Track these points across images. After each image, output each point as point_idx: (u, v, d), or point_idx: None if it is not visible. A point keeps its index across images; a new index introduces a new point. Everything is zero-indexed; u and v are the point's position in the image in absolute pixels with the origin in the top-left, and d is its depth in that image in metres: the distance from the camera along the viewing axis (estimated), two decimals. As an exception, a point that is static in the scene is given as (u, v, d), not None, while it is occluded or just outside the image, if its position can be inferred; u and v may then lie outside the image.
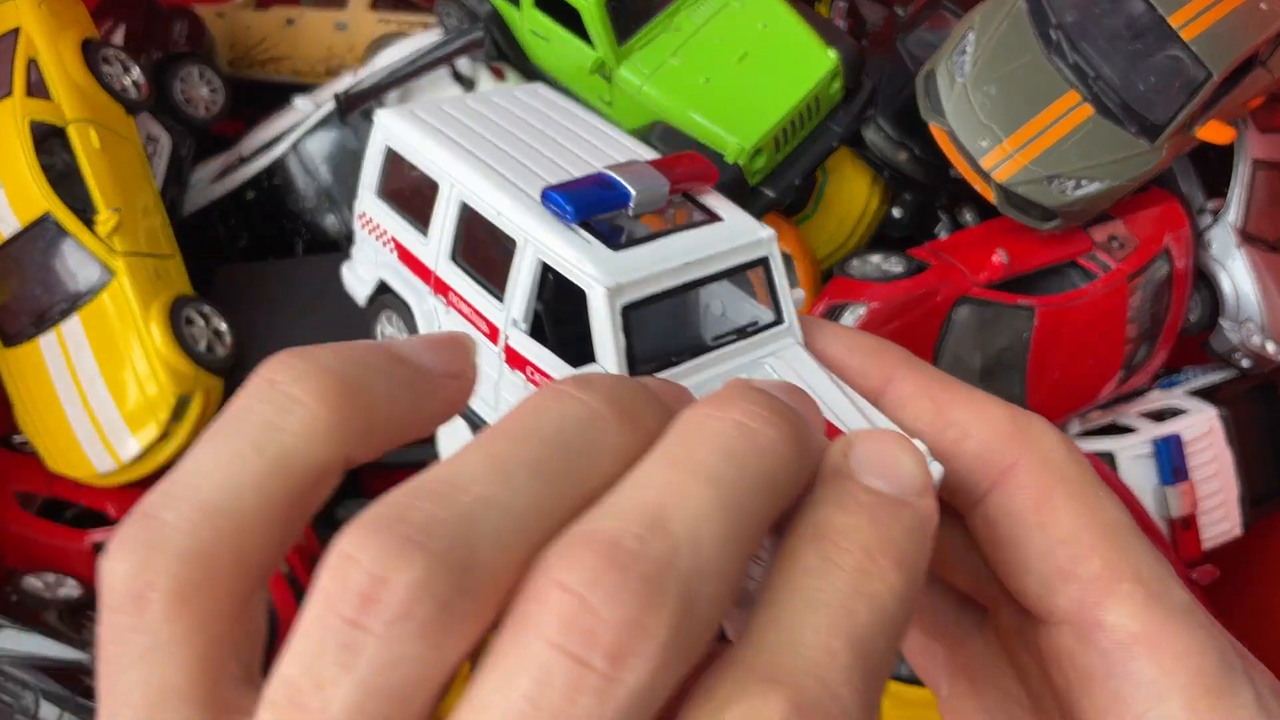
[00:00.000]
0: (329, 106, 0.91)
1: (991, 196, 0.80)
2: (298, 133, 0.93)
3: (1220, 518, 0.88)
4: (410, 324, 0.47)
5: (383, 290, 0.50)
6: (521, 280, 0.41)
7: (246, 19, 1.07)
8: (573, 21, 0.78)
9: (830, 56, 0.79)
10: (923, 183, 0.88)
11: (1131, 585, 0.34)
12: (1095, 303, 0.84)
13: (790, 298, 0.43)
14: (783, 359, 0.42)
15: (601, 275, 0.38)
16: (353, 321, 0.54)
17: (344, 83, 0.92)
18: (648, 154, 0.45)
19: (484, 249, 0.44)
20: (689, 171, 0.43)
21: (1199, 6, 0.77)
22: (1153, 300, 0.87)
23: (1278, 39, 0.79)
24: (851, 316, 0.78)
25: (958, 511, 0.41)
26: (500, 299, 0.43)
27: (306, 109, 0.94)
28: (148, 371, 0.75)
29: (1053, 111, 0.79)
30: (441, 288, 0.46)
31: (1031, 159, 0.78)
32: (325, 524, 0.91)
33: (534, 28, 0.81)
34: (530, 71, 0.86)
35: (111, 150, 0.79)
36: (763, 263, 0.43)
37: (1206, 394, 0.90)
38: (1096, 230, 0.86)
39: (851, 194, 0.92)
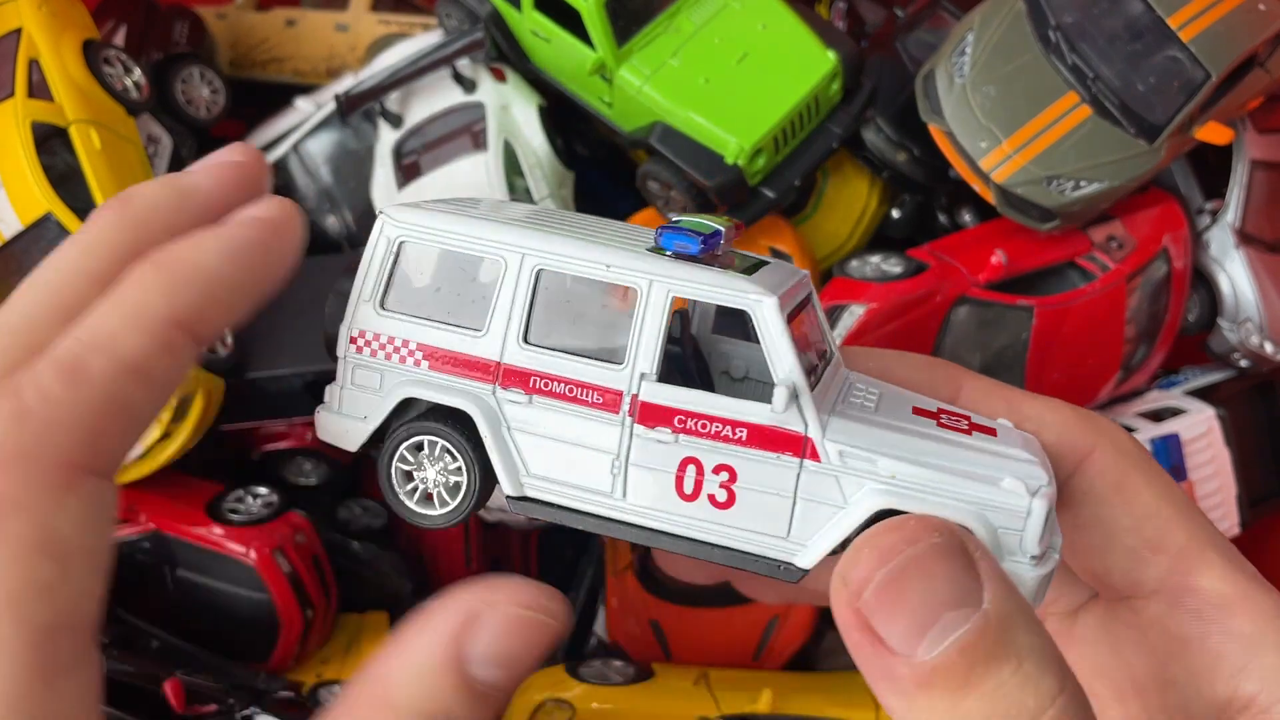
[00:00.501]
0: (330, 107, 0.92)
1: (990, 197, 0.80)
2: (299, 133, 0.93)
3: (1219, 517, 0.88)
4: (473, 436, 0.41)
5: (401, 416, 0.43)
6: (648, 328, 0.40)
7: (248, 20, 1.07)
8: (573, 23, 0.78)
9: (830, 57, 0.79)
10: (922, 183, 0.88)
11: (1215, 554, 0.37)
12: (1094, 303, 0.84)
13: (830, 331, 0.46)
14: (862, 380, 0.43)
15: (763, 291, 0.39)
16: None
17: (345, 84, 0.92)
18: (642, 230, 0.46)
19: (571, 317, 0.42)
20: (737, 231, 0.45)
21: (1198, 7, 0.77)
22: (1151, 300, 0.88)
23: (1276, 40, 0.79)
24: (851, 317, 0.78)
25: None
26: (613, 361, 0.40)
27: (307, 110, 0.94)
28: (149, 371, 0.75)
29: (1052, 112, 0.79)
30: (515, 378, 0.41)
31: (1030, 160, 0.78)
32: (327, 524, 0.91)
33: (534, 29, 0.81)
34: (530, 72, 0.86)
35: (113, 151, 0.79)
36: (810, 294, 0.45)
37: (1205, 394, 0.90)
38: (1095, 231, 0.86)
39: (851, 195, 0.92)
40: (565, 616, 0.33)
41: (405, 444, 0.42)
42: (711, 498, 0.39)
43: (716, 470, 0.39)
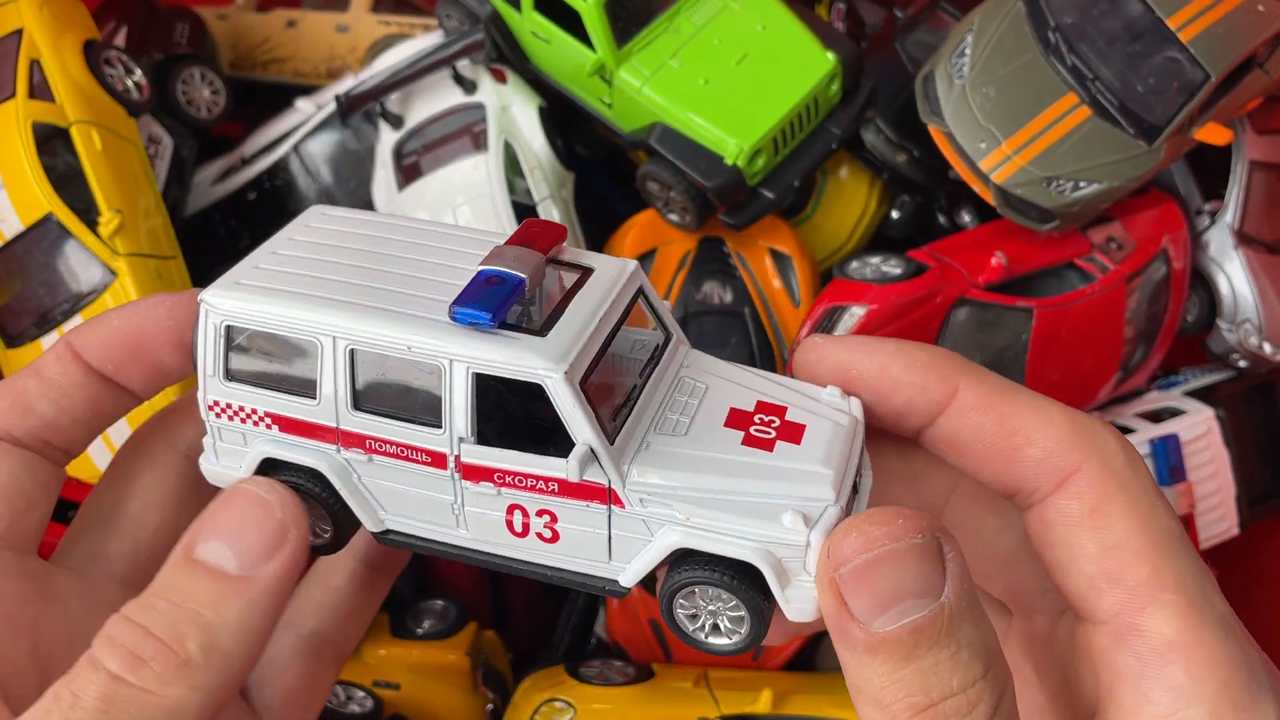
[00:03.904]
0: (330, 108, 0.92)
1: (990, 198, 0.81)
2: (299, 134, 0.94)
3: (1218, 518, 0.88)
4: (325, 484, 0.45)
5: (272, 465, 0.46)
6: (456, 400, 0.42)
7: (248, 21, 1.07)
8: (573, 24, 0.78)
9: (829, 58, 0.79)
10: (922, 184, 0.88)
11: (1174, 595, 0.36)
12: (1093, 304, 0.84)
13: (668, 311, 0.47)
14: (695, 367, 0.46)
15: (550, 364, 0.40)
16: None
17: (345, 84, 0.92)
18: (490, 237, 0.46)
19: (392, 386, 0.44)
20: (546, 237, 0.45)
21: (1197, 8, 0.78)
22: (1150, 301, 0.88)
23: (1276, 41, 0.79)
24: (851, 318, 0.78)
25: (1006, 513, 0.43)
26: (434, 426, 0.42)
27: (308, 110, 0.95)
28: (150, 372, 0.76)
29: (1051, 113, 0.79)
30: (352, 440, 0.44)
31: (1030, 160, 0.78)
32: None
33: (534, 30, 0.81)
34: (530, 73, 0.86)
35: (114, 151, 0.79)
36: (640, 291, 0.46)
37: (1204, 394, 0.90)
38: (1095, 232, 0.86)
39: (850, 195, 0.92)
40: (283, 500, 0.41)
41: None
42: (539, 535, 0.43)
43: (539, 514, 0.43)
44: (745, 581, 0.40)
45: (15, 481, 0.45)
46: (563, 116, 0.89)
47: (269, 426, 0.45)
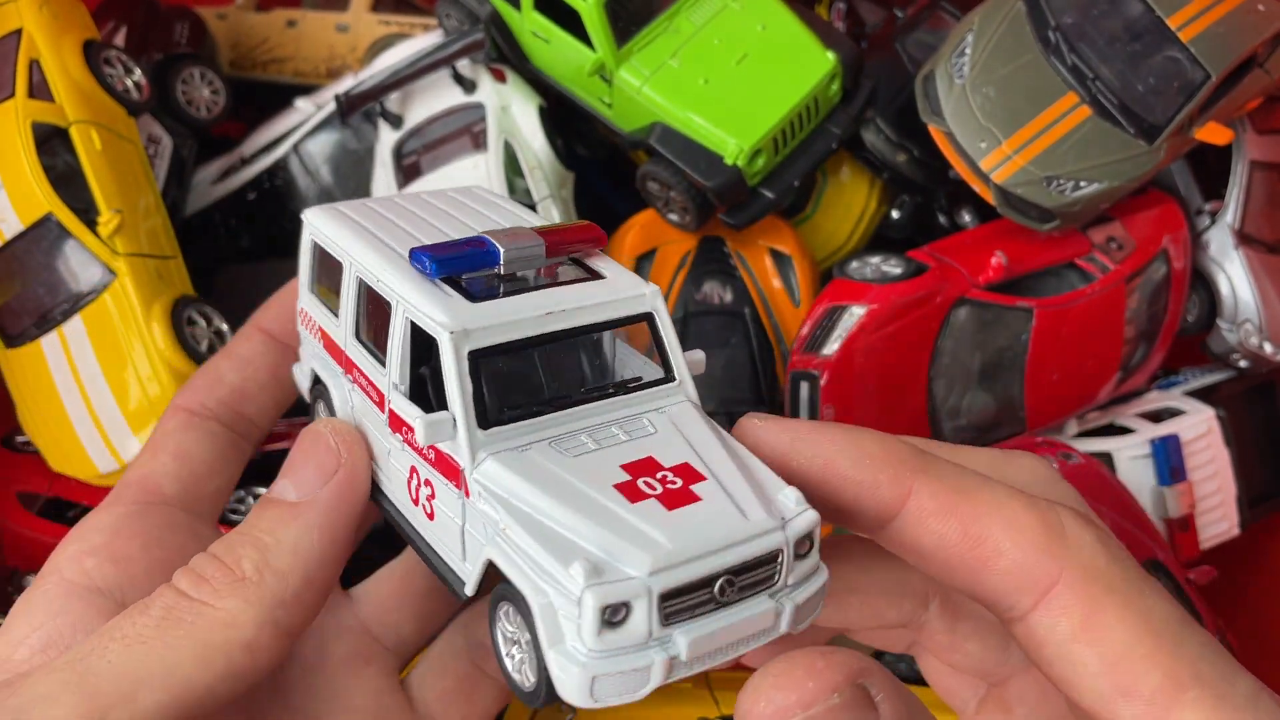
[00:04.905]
0: (330, 108, 0.92)
1: (990, 198, 0.81)
2: (299, 134, 0.94)
3: (1218, 518, 0.88)
4: (331, 407, 0.49)
5: (317, 380, 0.51)
6: (396, 341, 0.42)
7: (248, 20, 1.07)
8: (573, 23, 0.78)
9: (829, 58, 0.79)
10: (922, 184, 0.88)
11: (1195, 691, 0.33)
12: (1093, 304, 0.84)
13: (681, 355, 0.43)
14: (665, 414, 0.42)
15: (448, 321, 0.39)
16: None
17: (345, 84, 0.92)
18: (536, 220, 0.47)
19: (377, 322, 0.45)
20: (576, 238, 0.44)
21: (1197, 8, 0.78)
22: (1150, 301, 0.88)
23: (1276, 40, 0.79)
24: (851, 318, 0.78)
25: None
26: (382, 365, 0.44)
27: (308, 110, 0.95)
28: (149, 372, 0.75)
29: (1051, 113, 0.79)
30: (348, 365, 0.47)
31: (1030, 160, 0.78)
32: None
33: (534, 29, 0.81)
34: (530, 73, 0.86)
35: (113, 151, 0.79)
36: (647, 318, 0.43)
37: (1204, 395, 0.90)
38: (1095, 232, 0.86)
39: (851, 195, 0.92)
40: (336, 430, 0.45)
41: (318, 401, 0.49)
42: (424, 509, 0.43)
43: (425, 484, 0.42)
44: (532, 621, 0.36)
45: (197, 449, 0.51)
46: (563, 116, 0.89)
47: (319, 340, 0.50)
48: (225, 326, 0.81)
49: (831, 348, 0.77)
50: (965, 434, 0.83)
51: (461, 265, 0.41)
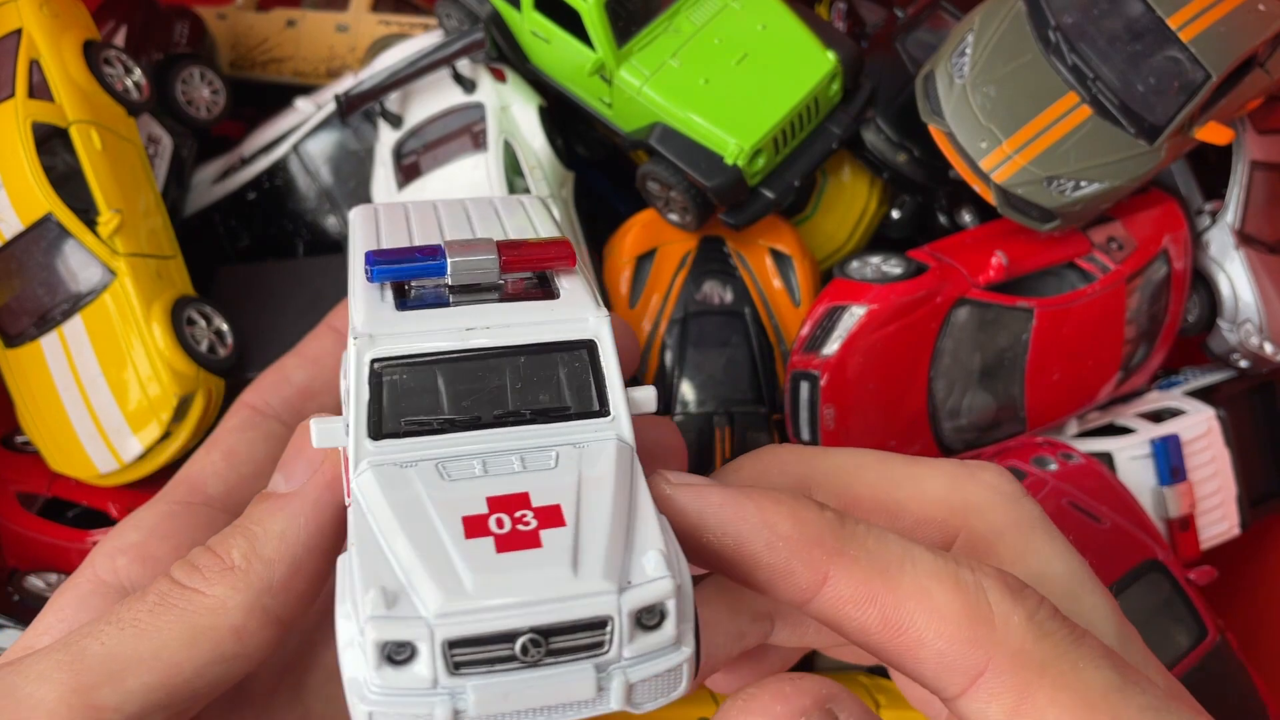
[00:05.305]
0: (330, 108, 0.92)
1: (991, 198, 0.81)
2: (299, 134, 0.94)
3: (1219, 518, 0.88)
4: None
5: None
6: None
7: (248, 20, 1.07)
8: (573, 23, 0.78)
9: (829, 58, 0.79)
10: (922, 184, 0.88)
11: None
12: (1094, 304, 0.84)
13: (620, 389, 0.40)
14: (581, 449, 0.38)
15: (357, 325, 0.39)
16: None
17: (345, 84, 0.92)
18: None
19: None
20: (538, 255, 0.42)
21: (1198, 8, 0.77)
22: (1151, 301, 0.88)
23: (1276, 40, 0.79)
24: (851, 318, 0.78)
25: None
26: None
27: (308, 110, 0.95)
28: (149, 372, 0.75)
29: (1052, 113, 0.79)
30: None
31: (1030, 160, 0.78)
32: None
33: (534, 29, 0.81)
34: (530, 72, 0.86)
35: (113, 151, 0.79)
36: (587, 346, 0.40)
37: (1205, 395, 0.90)
38: (1095, 232, 0.86)
39: (851, 195, 0.92)
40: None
41: None
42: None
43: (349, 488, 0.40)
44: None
45: (248, 450, 0.50)
46: (563, 116, 0.89)
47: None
48: (225, 326, 0.81)
49: (832, 348, 0.77)
50: (966, 434, 0.83)
51: (404, 273, 0.40)
